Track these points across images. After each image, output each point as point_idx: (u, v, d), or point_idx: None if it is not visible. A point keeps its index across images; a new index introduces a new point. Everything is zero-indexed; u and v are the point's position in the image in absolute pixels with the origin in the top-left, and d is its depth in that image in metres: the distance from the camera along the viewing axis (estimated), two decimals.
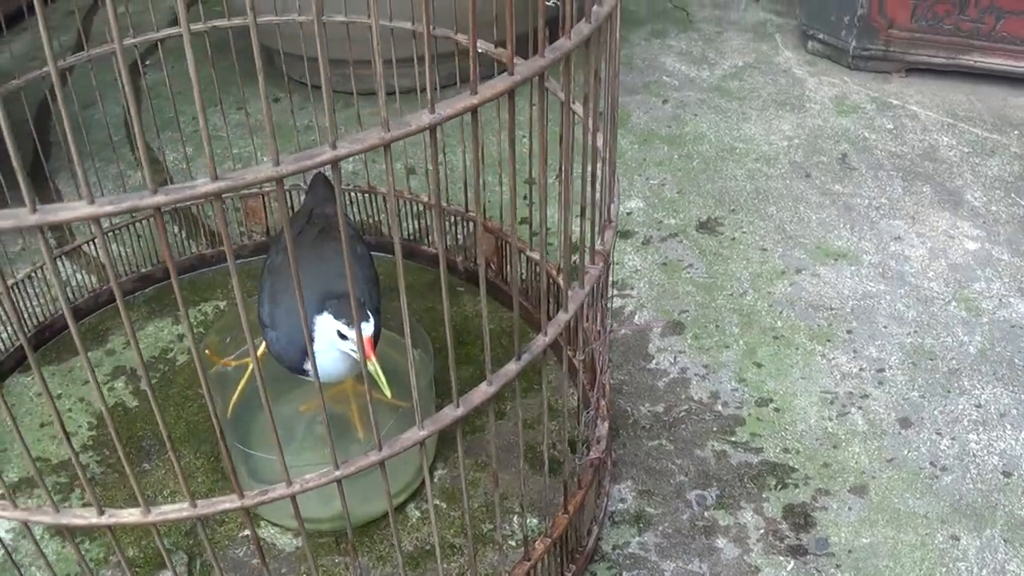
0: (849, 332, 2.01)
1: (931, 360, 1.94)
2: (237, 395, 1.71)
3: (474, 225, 2.07)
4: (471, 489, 1.69)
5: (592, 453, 1.51)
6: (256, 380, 0.96)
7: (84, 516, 1.00)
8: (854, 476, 1.71)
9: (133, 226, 2.13)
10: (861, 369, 1.93)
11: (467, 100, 0.88)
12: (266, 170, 0.80)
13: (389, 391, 1.44)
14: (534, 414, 1.80)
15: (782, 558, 1.58)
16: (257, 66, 0.78)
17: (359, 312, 1.26)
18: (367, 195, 2.17)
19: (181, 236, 2.29)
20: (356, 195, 2.19)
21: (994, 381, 1.89)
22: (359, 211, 2.21)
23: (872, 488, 1.69)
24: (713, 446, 1.78)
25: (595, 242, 1.31)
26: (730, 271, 2.20)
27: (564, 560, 1.48)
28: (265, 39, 2.49)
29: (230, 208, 2.28)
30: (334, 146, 0.82)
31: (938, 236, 2.28)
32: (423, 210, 2.18)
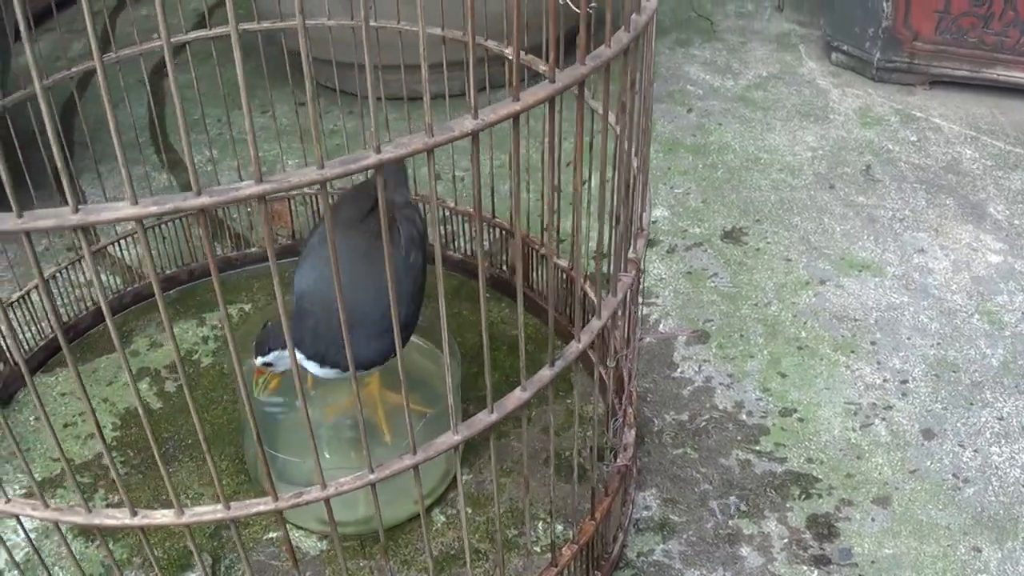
0: (873, 343, 2.01)
1: (954, 372, 1.94)
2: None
3: (504, 233, 2.08)
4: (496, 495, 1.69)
5: (619, 460, 1.51)
6: (283, 382, 0.96)
7: (116, 517, 1.00)
8: (877, 487, 1.71)
9: (158, 228, 2.14)
10: (885, 380, 1.93)
11: (510, 107, 0.88)
12: (311, 173, 0.81)
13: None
14: (559, 421, 1.80)
15: (805, 568, 1.58)
16: (305, 71, 0.79)
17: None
18: None
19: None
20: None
21: (1016, 394, 1.89)
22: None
23: (895, 499, 1.69)
24: (737, 455, 1.78)
25: (628, 250, 1.31)
26: (755, 281, 2.20)
27: (590, 567, 1.49)
28: (293, 43, 2.50)
29: (255, 212, 2.28)
30: (378, 150, 0.82)
31: (961, 249, 2.28)
32: (449, 215, 2.19)
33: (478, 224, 0.94)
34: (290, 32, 2.09)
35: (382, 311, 1.43)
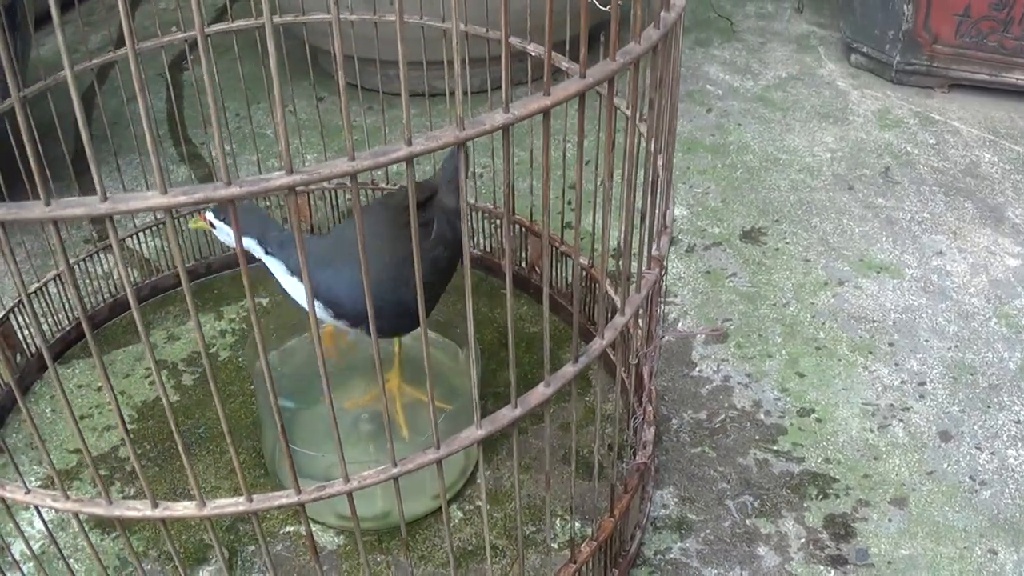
0: (891, 345, 2.01)
1: (971, 375, 1.94)
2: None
3: (523, 230, 2.07)
4: (513, 492, 1.69)
5: (638, 458, 1.51)
6: (299, 376, 0.95)
7: (137, 508, 1.00)
8: (894, 488, 1.71)
9: (177, 221, 2.14)
10: (902, 382, 1.92)
11: (540, 101, 0.88)
12: (342, 165, 0.81)
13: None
14: (577, 418, 1.80)
15: (822, 568, 1.58)
16: (337, 57, 0.79)
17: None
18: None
19: None
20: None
21: None
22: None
23: (912, 500, 1.69)
24: (755, 454, 1.78)
25: (652, 247, 1.31)
26: (773, 281, 2.20)
27: (608, 564, 1.49)
28: (313, 39, 2.50)
29: (272, 205, 2.28)
30: (409, 143, 0.82)
31: (979, 252, 2.28)
32: (468, 211, 2.18)
33: (507, 220, 0.94)
34: (311, 26, 2.09)
35: (381, 290, 1.48)
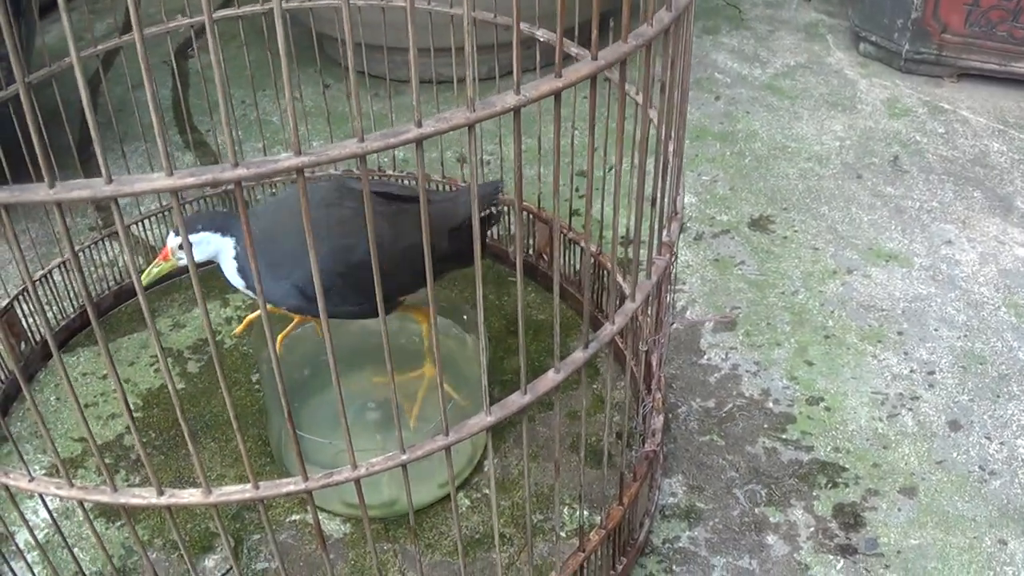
0: (900, 334, 2.00)
1: (981, 364, 1.93)
2: (284, 334, 1.71)
3: (531, 217, 2.07)
4: (520, 480, 1.69)
5: (647, 445, 1.51)
6: (306, 364, 0.94)
7: (143, 496, 0.99)
8: (904, 477, 1.70)
9: (185, 206, 2.13)
10: (912, 371, 1.92)
11: (552, 83, 0.87)
12: (351, 146, 0.80)
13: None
14: (581, 406, 1.79)
15: (831, 557, 1.57)
16: (347, 41, 0.78)
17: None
18: (416, 182, 2.17)
19: None
20: (408, 182, 2.19)
21: None
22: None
23: (922, 490, 1.68)
24: (764, 443, 1.77)
25: (662, 233, 1.30)
26: (782, 269, 2.19)
27: (616, 553, 1.48)
28: (319, 25, 2.50)
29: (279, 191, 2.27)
30: (419, 124, 0.81)
31: (988, 241, 2.27)
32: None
33: (517, 204, 0.93)
34: (317, 13, 2.08)
35: (306, 266, 1.46)
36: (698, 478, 1.71)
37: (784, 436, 1.78)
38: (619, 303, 1.17)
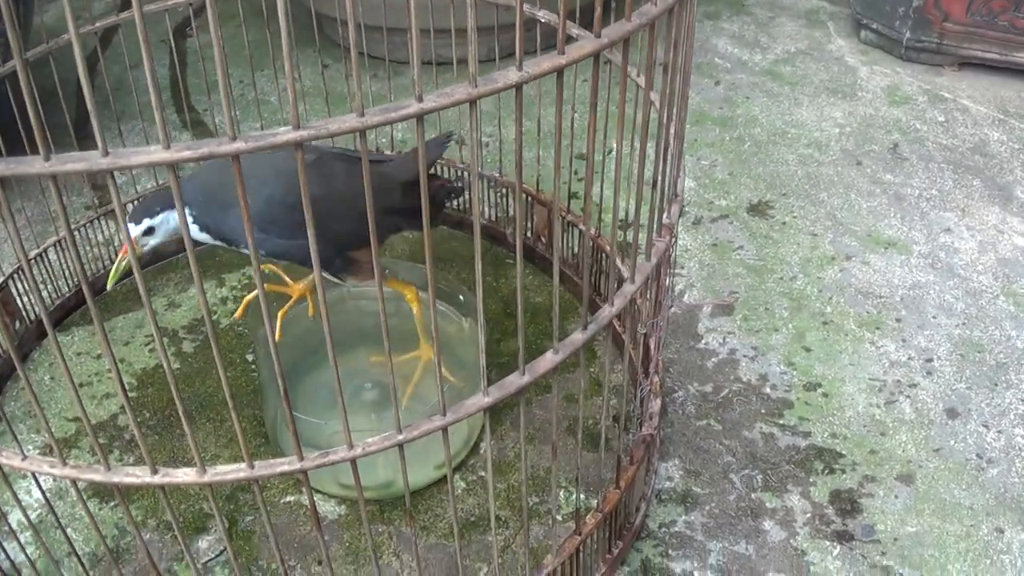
0: (898, 321, 2.00)
1: (979, 353, 1.93)
2: (282, 312, 1.71)
3: (529, 199, 2.06)
4: (516, 462, 1.68)
5: (644, 429, 1.50)
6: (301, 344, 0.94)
7: (137, 475, 0.99)
8: (901, 464, 1.70)
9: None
10: (910, 358, 1.91)
11: (554, 60, 0.86)
12: (351, 120, 0.79)
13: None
14: (578, 389, 1.79)
15: (828, 543, 1.57)
16: (348, 14, 0.77)
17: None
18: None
19: None
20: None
21: None
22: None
23: (919, 477, 1.68)
24: (761, 428, 1.76)
25: (662, 215, 1.29)
26: (780, 255, 2.18)
27: (612, 536, 1.48)
28: (318, 5, 2.49)
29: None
30: (420, 99, 0.81)
31: (988, 230, 2.26)
32: (470, 179, 2.16)
33: (518, 183, 0.92)
34: None
35: (259, 207, 1.48)
36: (695, 463, 1.70)
37: (781, 422, 1.78)
38: (618, 285, 1.17)
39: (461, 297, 1.76)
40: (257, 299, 1.63)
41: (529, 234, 2.10)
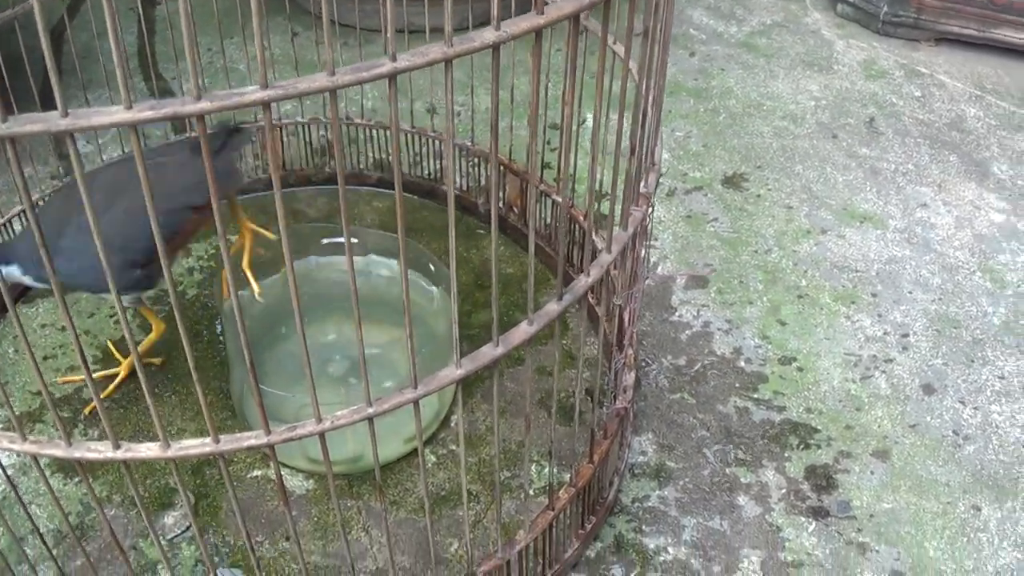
0: (874, 295, 1.98)
1: (955, 328, 1.91)
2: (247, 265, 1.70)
3: (503, 169, 2.03)
4: (488, 436, 1.66)
5: (618, 403, 1.48)
6: (268, 315, 0.91)
7: (99, 450, 0.96)
8: (876, 440, 1.69)
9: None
10: (885, 333, 1.90)
11: (533, 20, 0.83)
12: (321, 80, 0.76)
13: None
14: (551, 362, 1.77)
15: (803, 519, 1.55)
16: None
17: None
18: (385, 131, 2.13)
19: None
20: (376, 132, 2.15)
21: (1017, 353, 1.86)
22: (379, 150, 2.17)
23: (895, 453, 1.66)
24: (735, 402, 1.75)
25: (639, 184, 1.27)
26: (755, 227, 2.16)
27: (585, 512, 1.46)
28: None
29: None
30: (394, 58, 0.78)
31: (964, 205, 2.25)
32: (441, 148, 2.14)
33: (493, 148, 0.89)
34: None
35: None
36: (668, 437, 1.68)
37: (756, 396, 1.76)
38: (592, 256, 1.14)
39: (431, 267, 1.74)
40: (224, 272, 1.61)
41: (501, 204, 2.08)
